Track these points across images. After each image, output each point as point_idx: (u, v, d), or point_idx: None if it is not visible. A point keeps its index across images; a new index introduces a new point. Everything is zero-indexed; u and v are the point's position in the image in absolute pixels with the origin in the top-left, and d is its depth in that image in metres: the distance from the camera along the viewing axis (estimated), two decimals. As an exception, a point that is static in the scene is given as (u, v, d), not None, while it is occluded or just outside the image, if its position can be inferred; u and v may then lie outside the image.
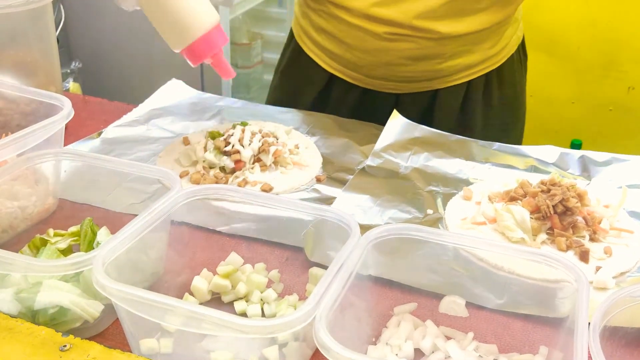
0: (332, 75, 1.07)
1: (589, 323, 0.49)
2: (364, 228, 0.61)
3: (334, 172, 0.90)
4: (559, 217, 0.75)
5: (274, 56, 2.39)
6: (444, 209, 0.82)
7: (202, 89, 1.74)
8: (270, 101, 1.17)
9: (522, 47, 1.11)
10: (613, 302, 0.52)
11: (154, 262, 0.66)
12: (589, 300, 0.52)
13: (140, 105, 1.05)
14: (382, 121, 0.99)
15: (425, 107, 1.06)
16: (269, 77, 2.38)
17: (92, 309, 0.59)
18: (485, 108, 1.07)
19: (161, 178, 0.69)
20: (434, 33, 0.95)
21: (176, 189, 0.65)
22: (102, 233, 0.68)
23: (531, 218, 0.75)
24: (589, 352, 0.47)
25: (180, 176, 0.87)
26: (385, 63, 1.00)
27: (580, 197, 0.78)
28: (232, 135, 0.89)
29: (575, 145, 2.29)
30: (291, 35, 1.14)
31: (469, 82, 1.04)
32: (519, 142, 1.15)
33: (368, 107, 1.05)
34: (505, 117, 1.10)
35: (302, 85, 1.12)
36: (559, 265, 0.55)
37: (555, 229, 0.74)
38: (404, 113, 1.03)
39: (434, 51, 0.98)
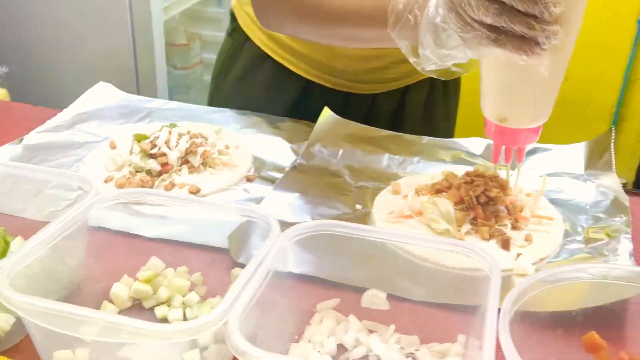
0: (308, 81, 1.04)
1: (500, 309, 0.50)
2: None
3: (265, 171, 0.90)
4: (482, 207, 0.76)
5: (214, 56, 2.37)
6: (373, 204, 0.82)
7: (138, 93, 1.71)
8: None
9: None
10: (524, 288, 0.53)
11: (72, 270, 0.64)
12: (499, 286, 0.53)
13: (65, 109, 1.02)
14: (360, 121, 0.99)
15: (397, 103, 1.07)
16: (209, 77, 2.36)
17: (2, 323, 0.57)
18: (446, 96, 1.09)
19: (78, 183, 0.68)
20: None
21: (92, 194, 0.63)
22: (17, 243, 0.66)
23: (456, 209, 0.76)
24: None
25: (105, 181, 0.85)
26: (375, 68, 1.01)
27: (503, 187, 0.79)
28: (158, 137, 0.87)
29: (515, 136, 2.35)
30: (242, 40, 1.07)
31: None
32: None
33: (346, 108, 1.03)
34: (457, 104, 1.13)
35: (270, 92, 1.06)
36: (472, 254, 0.56)
37: (478, 219, 0.76)
38: (380, 111, 1.05)
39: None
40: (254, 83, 1.08)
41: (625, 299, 0.59)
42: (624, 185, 0.84)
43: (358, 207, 0.82)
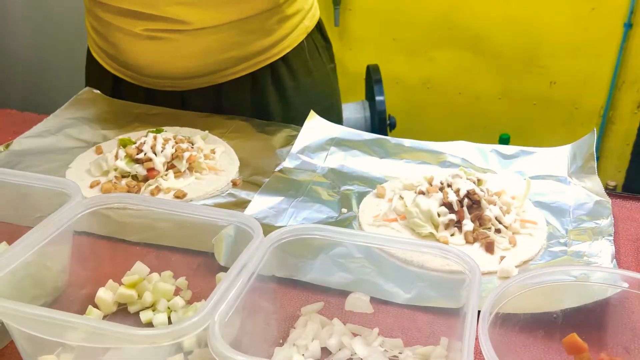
0: (116, 77, 1.07)
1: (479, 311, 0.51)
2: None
3: (251, 176, 0.90)
4: (467, 210, 0.77)
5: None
6: (358, 208, 0.83)
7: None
8: None
9: (318, 35, 1.11)
10: (504, 290, 0.54)
11: (56, 275, 0.64)
12: (479, 289, 0.53)
13: (51, 115, 1.02)
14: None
15: (213, 102, 1.06)
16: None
17: (-14, 328, 0.57)
18: (280, 98, 1.06)
19: (63, 189, 0.68)
20: (190, 24, 0.94)
21: (76, 199, 0.63)
22: (1, 248, 0.66)
23: (439, 212, 0.77)
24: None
25: (91, 186, 0.85)
26: (153, 62, 0.99)
27: (487, 190, 0.80)
28: (144, 142, 0.87)
29: (504, 139, 2.37)
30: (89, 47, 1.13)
31: (254, 73, 1.04)
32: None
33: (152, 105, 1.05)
34: (307, 105, 1.04)
35: (97, 89, 1.10)
36: (454, 257, 0.57)
37: (462, 222, 0.76)
38: (193, 109, 1.04)
39: (198, 46, 0.97)
40: (89, 81, 1.14)
41: (606, 300, 0.59)
42: (614, 189, 0.85)
43: (343, 210, 0.83)
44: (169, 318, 0.64)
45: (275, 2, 0.99)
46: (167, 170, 0.86)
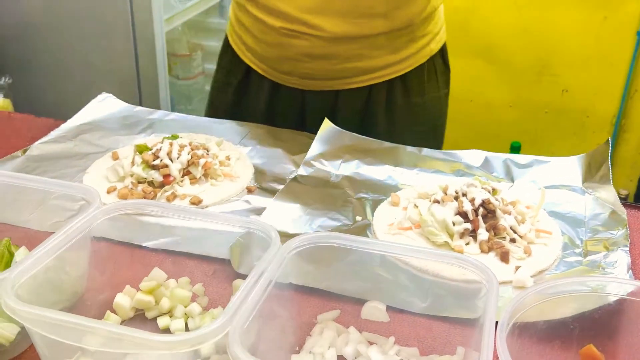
0: (249, 67, 1.11)
1: (497, 322, 0.51)
2: (293, 237, 0.61)
3: (266, 183, 0.91)
4: (482, 219, 0.77)
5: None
6: (373, 216, 0.83)
7: (140, 103, 1.72)
8: (211, 100, 1.20)
9: (439, 59, 1.13)
10: (522, 301, 0.54)
11: (75, 281, 0.65)
12: (497, 299, 0.53)
13: (68, 120, 1.03)
14: (291, 117, 1.07)
15: (329, 106, 1.09)
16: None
17: (7, 332, 0.58)
18: (388, 113, 1.09)
19: (82, 195, 0.68)
20: (324, 31, 0.98)
21: (95, 205, 0.64)
22: (21, 253, 0.66)
23: (454, 221, 0.77)
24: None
25: (108, 192, 0.85)
26: (287, 57, 1.04)
27: (502, 199, 0.80)
28: (160, 149, 0.88)
29: (515, 148, 2.36)
30: (234, 57, 1.15)
31: (371, 86, 1.07)
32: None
33: (278, 100, 1.10)
34: (412, 124, 1.11)
35: (227, 77, 1.16)
36: (471, 266, 0.57)
37: (477, 231, 0.76)
38: (310, 109, 1.08)
39: (327, 51, 1.01)
40: (223, 69, 1.18)
41: (621, 311, 0.59)
42: (626, 198, 0.85)
43: (358, 218, 0.83)
44: (186, 324, 0.64)
45: (409, 21, 1.02)
46: (182, 176, 0.87)
